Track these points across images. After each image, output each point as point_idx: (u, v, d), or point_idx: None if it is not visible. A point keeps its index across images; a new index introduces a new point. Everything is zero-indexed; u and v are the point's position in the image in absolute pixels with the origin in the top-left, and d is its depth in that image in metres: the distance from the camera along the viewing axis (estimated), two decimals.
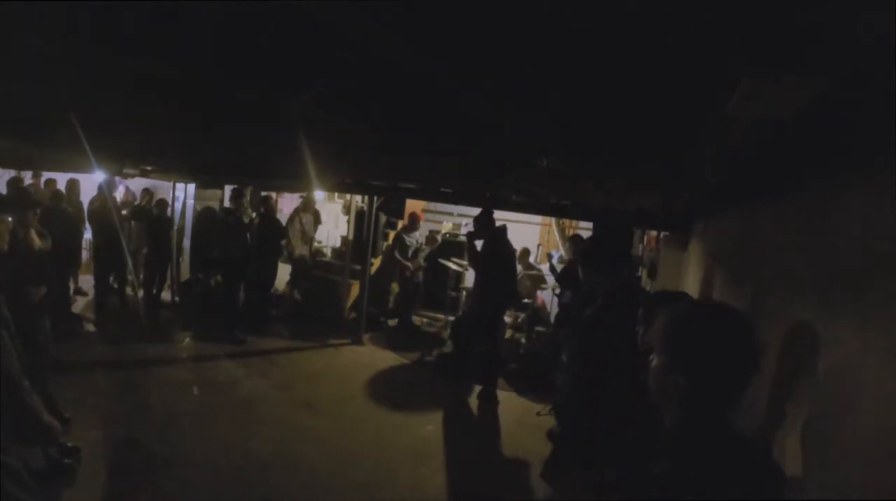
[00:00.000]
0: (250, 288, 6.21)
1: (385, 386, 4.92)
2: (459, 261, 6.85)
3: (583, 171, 2.45)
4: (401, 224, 7.32)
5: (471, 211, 5.24)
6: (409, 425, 4.15)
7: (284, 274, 7.17)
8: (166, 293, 7.02)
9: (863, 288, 0.97)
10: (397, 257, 6.89)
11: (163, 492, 2.95)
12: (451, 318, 6.61)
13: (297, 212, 7.11)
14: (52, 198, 5.93)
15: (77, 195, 6.87)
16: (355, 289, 6.74)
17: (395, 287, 7.23)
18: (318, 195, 7.73)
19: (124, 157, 5.10)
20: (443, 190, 5.03)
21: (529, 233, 9.49)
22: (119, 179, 6.79)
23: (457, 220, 9.00)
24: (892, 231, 0.88)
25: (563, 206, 4.62)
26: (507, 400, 4.77)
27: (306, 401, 4.40)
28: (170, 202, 7.02)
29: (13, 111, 2.25)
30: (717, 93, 0.93)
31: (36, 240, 3.39)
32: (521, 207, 4.89)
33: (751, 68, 0.81)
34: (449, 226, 8.95)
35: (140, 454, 3.30)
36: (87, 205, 6.99)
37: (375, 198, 6.25)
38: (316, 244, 7.85)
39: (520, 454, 3.80)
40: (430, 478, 3.42)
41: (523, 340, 6.39)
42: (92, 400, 3.90)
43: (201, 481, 3.09)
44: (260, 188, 7.11)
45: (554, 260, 6.69)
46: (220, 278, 6.18)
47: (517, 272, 7.24)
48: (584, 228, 8.60)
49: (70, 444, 2.98)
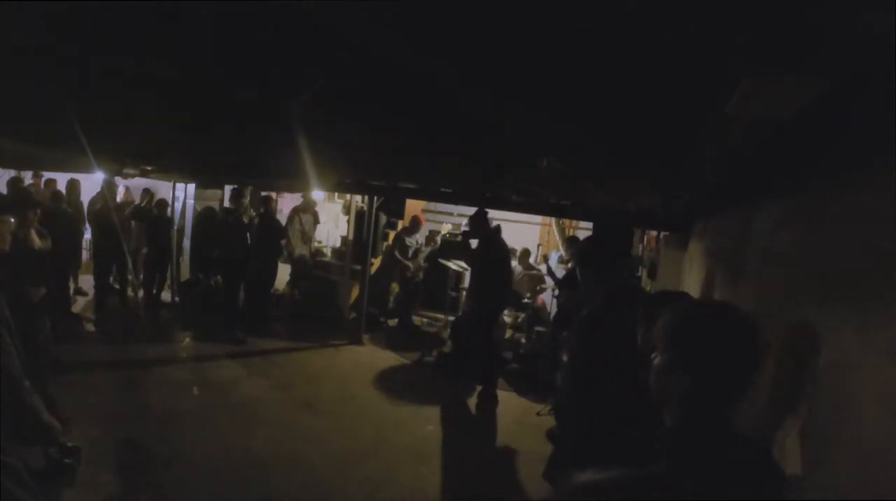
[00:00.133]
0: (250, 288, 6.21)
1: (385, 386, 4.92)
2: (459, 262, 6.85)
3: (583, 171, 2.46)
4: (401, 224, 7.32)
5: (471, 211, 5.25)
6: (409, 425, 4.15)
7: (284, 274, 7.17)
8: (166, 293, 7.02)
9: (863, 288, 0.97)
10: (397, 257, 6.89)
11: (163, 492, 2.95)
12: (451, 318, 6.61)
13: (296, 212, 7.12)
14: (52, 198, 5.93)
15: (77, 195, 6.87)
16: (355, 289, 6.74)
17: (395, 287, 7.23)
18: (318, 195, 7.72)
19: (124, 157, 5.11)
20: (443, 190, 5.04)
21: (529, 233, 9.49)
22: (119, 179, 6.78)
23: (457, 221, 8.98)
24: (892, 231, 0.88)
25: (563, 206, 4.62)
26: (507, 400, 4.77)
27: (306, 401, 4.40)
28: (170, 202, 7.03)
29: (13, 111, 2.25)
30: (717, 93, 0.93)
31: (36, 240, 3.39)
32: (521, 207, 4.89)
33: (751, 68, 0.81)
34: (449, 226, 8.95)
35: (140, 454, 3.30)
36: (87, 205, 7.00)
37: (375, 198, 6.25)
38: (316, 244, 7.85)
39: (520, 454, 3.80)
40: (430, 478, 3.42)
41: (523, 340, 6.39)
42: (92, 400, 3.90)
43: (201, 481, 3.09)
44: (260, 188, 7.11)
45: (551, 261, 6.69)
46: (220, 278, 6.18)
47: (514, 271, 7.27)
48: (584, 228, 8.60)
49: (70, 444, 2.98)
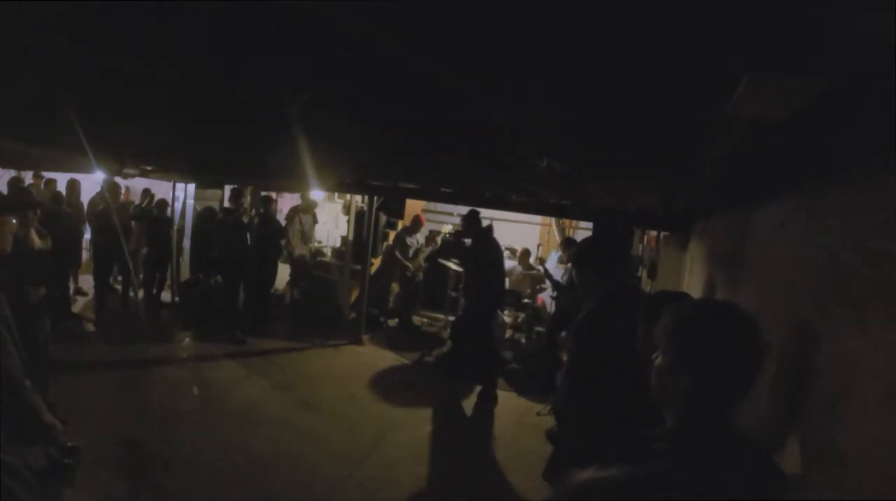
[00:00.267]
0: (250, 289, 6.21)
1: (385, 386, 4.91)
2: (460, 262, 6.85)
3: (583, 171, 2.46)
4: (401, 224, 7.31)
5: None
6: (408, 425, 4.15)
7: (284, 274, 7.17)
8: (166, 293, 7.02)
9: (863, 288, 0.97)
10: (398, 257, 6.89)
11: (163, 492, 2.95)
12: (451, 318, 6.61)
13: (296, 213, 7.11)
14: (52, 198, 5.93)
15: (77, 195, 6.87)
16: (355, 289, 6.74)
17: (395, 287, 7.23)
18: (318, 195, 7.71)
19: (124, 157, 5.11)
20: (443, 190, 5.04)
21: (529, 232, 9.50)
22: (119, 179, 6.78)
23: (457, 221, 8.97)
24: (892, 231, 0.88)
25: (563, 206, 4.63)
26: (507, 400, 4.76)
27: (306, 401, 4.39)
28: (170, 202, 7.03)
29: (13, 111, 2.25)
30: (717, 93, 0.93)
31: (36, 240, 3.39)
32: (521, 207, 4.89)
33: (751, 68, 0.81)
34: (450, 227, 8.94)
35: (140, 454, 3.30)
36: (87, 205, 7.00)
37: (375, 198, 6.26)
38: (316, 244, 7.85)
39: (520, 454, 3.80)
40: (430, 478, 3.42)
41: (523, 340, 6.39)
42: (92, 400, 3.89)
43: (201, 481, 3.09)
44: (260, 188, 7.11)
45: (551, 261, 6.69)
46: (220, 278, 6.19)
47: (514, 270, 7.28)
48: (585, 228, 8.60)
49: (70, 444, 2.98)
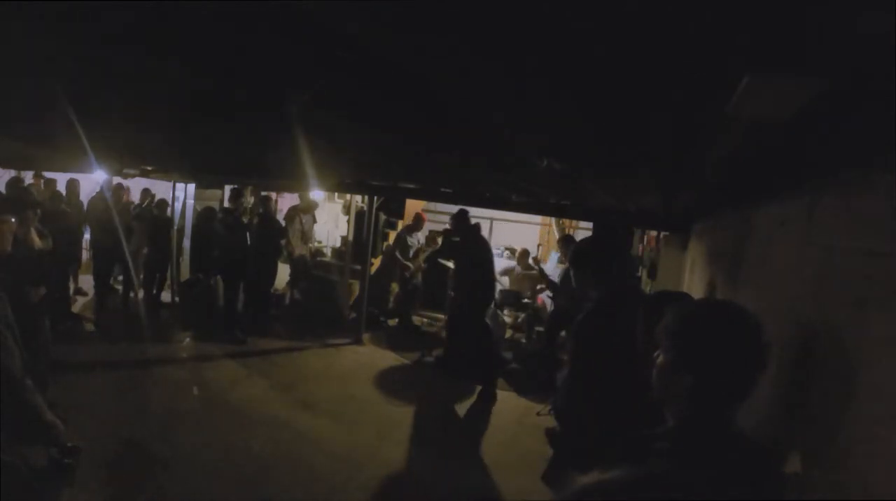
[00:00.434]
0: (250, 288, 6.21)
1: (385, 386, 4.91)
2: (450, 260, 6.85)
3: (583, 171, 2.46)
4: (401, 224, 7.31)
5: (471, 211, 5.26)
6: (408, 425, 4.15)
7: (284, 274, 7.16)
8: (166, 293, 7.01)
9: (863, 288, 0.97)
10: (398, 257, 6.89)
11: (163, 492, 2.94)
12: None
13: (296, 213, 7.10)
14: (52, 198, 5.93)
15: (77, 195, 6.86)
16: (355, 289, 6.73)
17: (395, 287, 7.22)
18: (318, 195, 7.71)
19: (124, 157, 5.11)
20: (443, 190, 5.04)
21: (529, 232, 9.50)
22: (119, 179, 6.78)
23: None
24: (892, 231, 0.88)
25: (563, 206, 4.63)
26: (507, 400, 4.76)
27: (306, 401, 4.39)
28: (170, 202, 7.03)
29: (13, 111, 2.25)
30: (717, 93, 0.93)
31: (36, 240, 3.39)
32: (521, 207, 4.90)
33: (751, 68, 0.81)
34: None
35: (140, 454, 3.29)
36: (87, 205, 7.00)
37: (375, 198, 6.25)
38: (316, 244, 7.84)
39: (520, 454, 3.80)
40: (430, 478, 3.42)
41: (523, 340, 6.39)
42: (92, 400, 3.89)
43: (201, 481, 3.09)
44: (260, 188, 7.10)
45: (551, 261, 6.69)
46: (220, 278, 6.19)
47: (513, 270, 7.29)
48: (585, 228, 8.60)
49: (70, 444, 2.97)
